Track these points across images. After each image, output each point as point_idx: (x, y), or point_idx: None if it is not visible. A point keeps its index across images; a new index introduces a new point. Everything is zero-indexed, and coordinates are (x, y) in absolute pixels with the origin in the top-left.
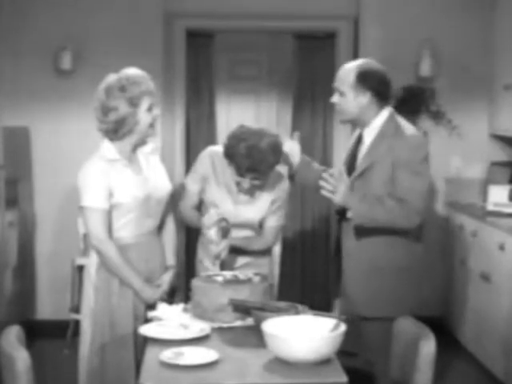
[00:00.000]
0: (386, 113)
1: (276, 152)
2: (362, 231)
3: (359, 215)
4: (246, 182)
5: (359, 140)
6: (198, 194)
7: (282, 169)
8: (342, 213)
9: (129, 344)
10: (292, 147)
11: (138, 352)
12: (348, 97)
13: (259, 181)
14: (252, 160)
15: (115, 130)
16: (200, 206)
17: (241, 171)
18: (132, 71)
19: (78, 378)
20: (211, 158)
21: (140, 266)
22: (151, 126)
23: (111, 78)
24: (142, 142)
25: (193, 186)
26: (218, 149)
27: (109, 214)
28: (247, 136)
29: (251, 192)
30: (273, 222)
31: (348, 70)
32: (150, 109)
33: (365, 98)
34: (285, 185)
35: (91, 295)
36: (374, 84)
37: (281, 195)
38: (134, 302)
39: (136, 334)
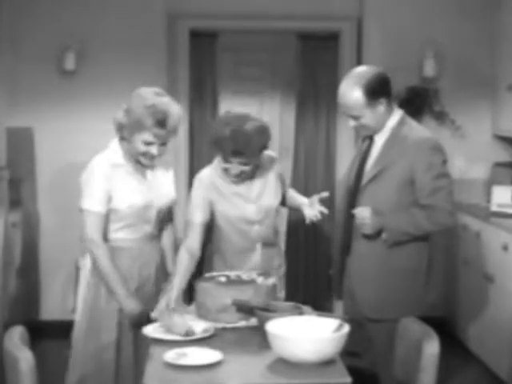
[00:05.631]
0: (397, 115)
1: (262, 135)
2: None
3: (395, 236)
4: (235, 168)
5: (370, 143)
6: (204, 224)
7: (272, 153)
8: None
9: (111, 346)
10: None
11: (121, 358)
12: (366, 116)
13: (247, 166)
14: (236, 143)
15: (119, 128)
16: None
17: (226, 155)
18: (166, 105)
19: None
20: (203, 180)
21: (133, 271)
22: (144, 156)
23: (151, 94)
24: (137, 161)
25: (197, 215)
26: (204, 171)
27: (106, 218)
28: (232, 120)
29: (242, 178)
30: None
31: (353, 94)
32: (147, 144)
33: (382, 106)
34: (278, 167)
35: (83, 296)
36: (382, 89)
37: (278, 174)
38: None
39: (120, 341)
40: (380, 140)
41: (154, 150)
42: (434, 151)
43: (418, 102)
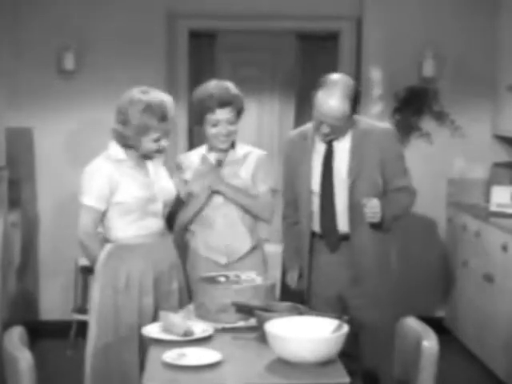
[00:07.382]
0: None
1: (239, 93)
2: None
3: (388, 221)
4: (223, 128)
5: (329, 151)
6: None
7: (250, 148)
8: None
9: (133, 345)
10: None
11: (143, 352)
12: (345, 124)
13: (233, 125)
14: (221, 94)
15: (122, 138)
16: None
17: (213, 112)
18: (159, 98)
19: (84, 378)
20: (180, 162)
21: (147, 269)
22: (157, 152)
23: (139, 94)
24: (147, 157)
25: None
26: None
27: (102, 215)
28: (211, 83)
29: (229, 141)
30: (262, 187)
31: (342, 107)
32: (156, 140)
33: (356, 113)
34: (259, 158)
35: (97, 293)
36: (359, 100)
37: (259, 167)
38: (140, 301)
39: (141, 334)
40: (341, 144)
41: (163, 142)
42: (397, 138)
43: (417, 102)
